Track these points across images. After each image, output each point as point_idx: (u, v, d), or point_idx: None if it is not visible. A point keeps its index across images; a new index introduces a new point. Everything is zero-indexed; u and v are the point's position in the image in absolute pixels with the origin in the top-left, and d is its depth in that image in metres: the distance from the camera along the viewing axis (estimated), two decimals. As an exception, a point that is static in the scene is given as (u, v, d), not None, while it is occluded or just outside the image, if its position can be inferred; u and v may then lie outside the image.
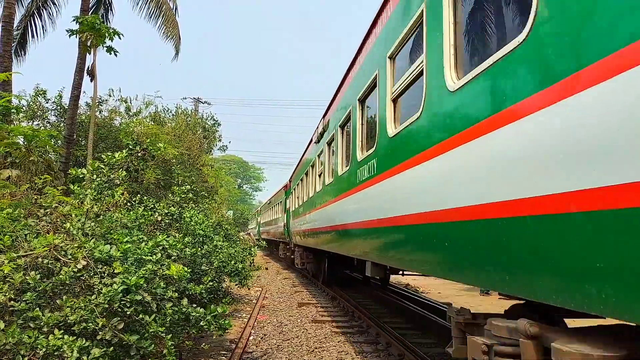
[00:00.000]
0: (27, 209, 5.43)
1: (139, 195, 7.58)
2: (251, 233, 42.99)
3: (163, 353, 3.84)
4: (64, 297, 3.73)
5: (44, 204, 5.20)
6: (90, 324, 3.56)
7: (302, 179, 14.18)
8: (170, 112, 22.01)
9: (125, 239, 4.43)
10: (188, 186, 8.21)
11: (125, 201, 6.31)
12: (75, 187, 5.56)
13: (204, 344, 5.42)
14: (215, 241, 7.24)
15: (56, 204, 5.14)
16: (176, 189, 7.92)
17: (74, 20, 11.42)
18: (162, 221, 6.63)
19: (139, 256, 4.27)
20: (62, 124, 15.33)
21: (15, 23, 13.98)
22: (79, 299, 3.72)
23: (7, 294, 3.52)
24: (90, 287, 3.89)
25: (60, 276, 3.77)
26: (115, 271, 3.88)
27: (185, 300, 4.33)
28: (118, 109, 17.88)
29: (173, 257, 4.85)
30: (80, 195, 5.38)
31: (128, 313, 3.70)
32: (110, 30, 11.19)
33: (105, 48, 11.35)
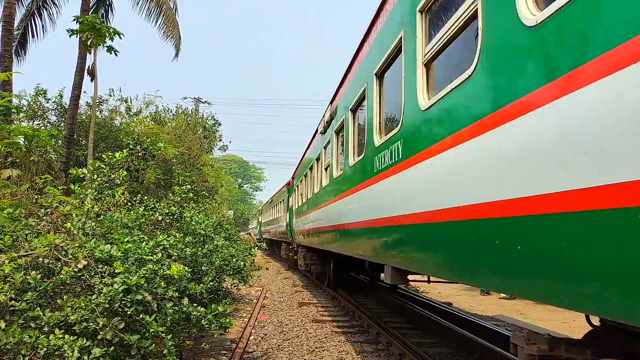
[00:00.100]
0: (28, 208, 5.44)
1: (139, 195, 7.58)
2: (252, 233, 42.95)
3: (163, 353, 3.84)
4: (65, 297, 3.73)
5: (44, 203, 5.20)
6: (90, 324, 3.56)
7: (306, 174, 13.33)
8: (171, 112, 22.04)
9: (126, 239, 4.43)
10: (188, 186, 8.21)
11: (125, 201, 6.31)
12: (76, 187, 5.56)
13: (204, 344, 5.42)
14: (216, 241, 7.23)
15: (57, 204, 5.14)
16: (177, 188, 7.92)
17: (74, 20, 11.42)
18: (163, 221, 6.63)
19: (140, 256, 4.27)
20: (63, 124, 15.33)
21: (15, 23, 13.99)
22: (80, 298, 3.72)
23: (8, 294, 3.52)
24: (90, 287, 3.89)
25: (61, 276, 3.77)
26: (116, 271, 3.88)
27: (186, 300, 4.33)
28: (118, 108, 17.88)
29: (174, 257, 4.85)
30: (81, 195, 5.38)
31: (129, 313, 3.70)
32: (111, 30, 11.19)
33: (105, 48, 11.36)
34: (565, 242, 2.04)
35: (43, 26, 16.60)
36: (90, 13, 13.85)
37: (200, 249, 6.50)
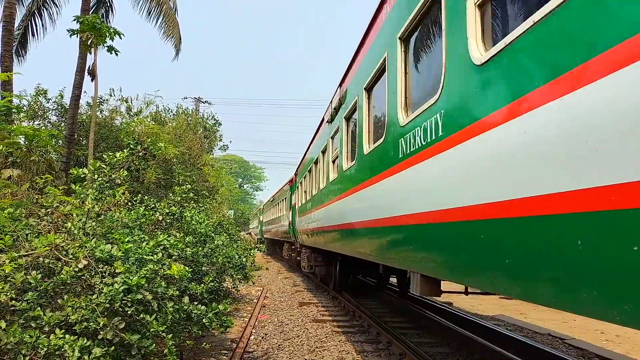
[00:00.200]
0: (28, 208, 5.44)
1: (139, 194, 7.59)
2: (252, 233, 42.92)
3: (164, 352, 3.85)
4: (65, 297, 3.73)
5: (45, 203, 5.20)
6: (91, 324, 3.57)
7: (311, 169, 12.36)
8: (171, 112, 22.08)
9: (127, 239, 4.43)
10: (189, 186, 8.21)
11: (126, 201, 6.31)
12: (77, 187, 5.57)
13: (205, 344, 5.43)
14: (216, 240, 7.24)
15: (57, 204, 5.14)
16: (177, 188, 7.93)
17: (74, 20, 11.44)
18: (163, 221, 6.63)
19: (140, 256, 4.27)
20: (63, 124, 15.36)
21: (16, 23, 14.00)
22: (80, 298, 3.72)
23: (9, 294, 3.52)
24: (91, 287, 3.89)
25: (62, 276, 3.78)
26: (117, 271, 3.89)
27: (186, 299, 4.34)
28: (119, 108, 17.92)
29: (174, 257, 4.86)
30: (82, 195, 5.39)
31: (129, 312, 3.70)
32: (111, 30, 11.21)
33: (105, 48, 11.38)
34: None
35: (43, 26, 16.65)
36: (90, 13, 13.86)
37: (200, 248, 6.51)
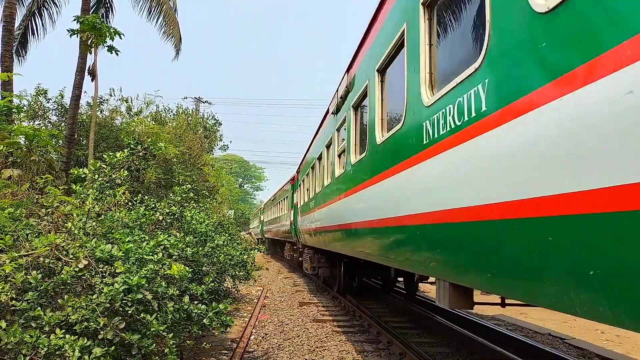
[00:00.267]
0: (29, 208, 5.44)
1: (140, 194, 7.59)
2: (252, 233, 42.88)
3: (164, 352, 3.85)
4: (66, 297, 3.74)
5: (45, 203, 5.21)
6: (91, 324, 3.57)
7: (314, 166, 11.70)
8: (171, 112, 22.10)
9: (127, 239, 4.43)
10: (189, 185, 8.22)
11: (126, 201, 6.31)
12: (77, 187, 5.57)
13: (205, 343, 5.43)
14: (216, 240, 7.25)
15: (57, 204, 5.14)
16: (177, 188, 7.93)
17: (74, 20, 11.44)
18: (164, 221, 6.64)
19: (141, 256, 4.28)
20: (63, 124, 15.37)
21: (16, 23, 14.00)
22: (81, 298, 3.72)
23: (9, 294, 3.52)
24: (91, 287, 3.89)
25: (62, 276, 3.78)
26: (117, 271, 3.89)
27: (186, 298, 4.34)
28: (119, 108, 17.93)
29: (174, 257, 4.86)
30: (82, 195, 5.39)
31: (129, 312, 3.70)
32: (111, 30, 11.21)
33: (106, 47, 11.38)
34: None
35: (43, 26, 16.65)
36: (90, 13, 13.86)
37: (201, 248, 6.51)
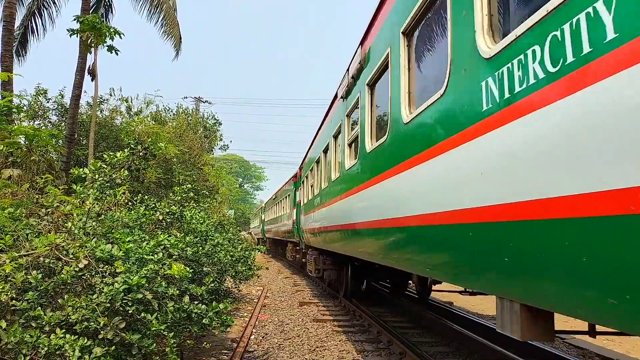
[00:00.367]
0: (29, 208, 5.44)
1: (140, 194, 7.60)
2: (252, 233, 42.85)
3: (165, 352, 3.85)
4: (66, 297, 3.74)
5: (45, 203, 5.21)
6: (91, 323, 3.57)
7: (319, 160, 10.69)
8: (171, 112, 22.10)
9: (127, 239, 4.43)
10: (189, 185, 8.22)
11: (126, 200, 6.31)
12: (77, 187, 5.57)
13: (205, 343, 5.43)
14: (217, 238, 7.25)
15: (57, 204, 5.14)
16: (177, 188, 7.93)
17: (74, 19, 11.44)
18: (164, 220, 6.64)
19: (141, 255, 4.28)
20: (63, 124, 15.37)
21: (16, 23, 14.00)
22: (81, 298, 3.72)
23: (9, 294, 3.52)
24: (91, 287, 3.89)
25: (62, 275, 3.78)
26: (117, 270, 3.89)
27: (187, 298, 4.34)
28: (119, 108, 17.94)
29: (174, 257, 4.86)
30: (82, 195, 5.39)
31: (130, 312, 3.70)
32: (111, 30, 11.22)
33: (106, 47, 11.38)
34: None
35: (43, 26, 16.65)
36: (90, 13, 13.85)
37: (201, 248, 6.51)
